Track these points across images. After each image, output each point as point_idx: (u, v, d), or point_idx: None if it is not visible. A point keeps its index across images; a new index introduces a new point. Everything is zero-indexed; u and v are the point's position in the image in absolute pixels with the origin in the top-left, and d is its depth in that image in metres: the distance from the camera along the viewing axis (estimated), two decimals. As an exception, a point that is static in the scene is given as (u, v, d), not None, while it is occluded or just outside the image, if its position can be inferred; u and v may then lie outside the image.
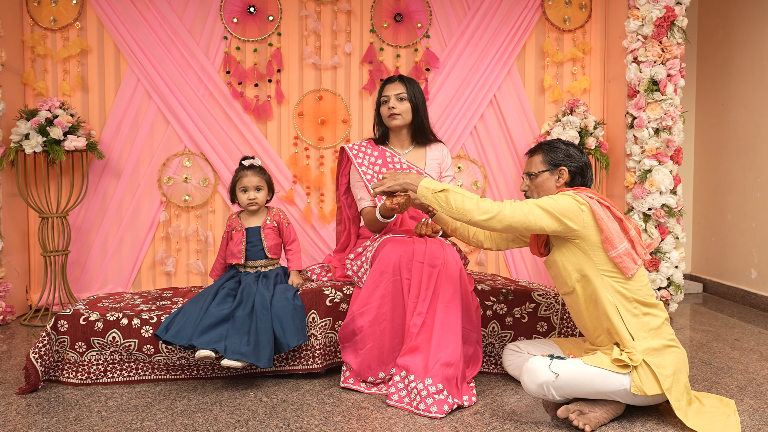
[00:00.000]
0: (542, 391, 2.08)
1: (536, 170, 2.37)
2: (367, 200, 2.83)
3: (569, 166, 2.33)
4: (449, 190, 2.22)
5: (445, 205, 2.21)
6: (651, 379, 2.06)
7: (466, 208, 2.18)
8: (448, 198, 2.21)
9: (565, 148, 2.36)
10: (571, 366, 2.06)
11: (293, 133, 4.09)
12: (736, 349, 3.09)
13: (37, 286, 3.93)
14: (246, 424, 2.14)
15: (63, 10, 3.88)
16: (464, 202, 2.18)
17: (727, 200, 4.37)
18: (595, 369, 2.05)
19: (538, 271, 4.22)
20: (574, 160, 2.34)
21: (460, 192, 2.22)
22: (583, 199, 2.18)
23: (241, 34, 4.02)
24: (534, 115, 4.21)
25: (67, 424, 2.13)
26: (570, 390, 2.06)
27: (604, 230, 2.14)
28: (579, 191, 2.23)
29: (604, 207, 2.19)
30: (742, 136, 4.19)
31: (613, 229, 2.15)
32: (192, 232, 4.02)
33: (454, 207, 2.19)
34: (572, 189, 2.26)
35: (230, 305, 2.56)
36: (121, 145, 3.95)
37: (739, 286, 4.23)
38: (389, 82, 2.86)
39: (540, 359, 2.09)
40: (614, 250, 2.14)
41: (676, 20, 3.63)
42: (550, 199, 2.17)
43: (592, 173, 2.39)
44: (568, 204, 2.15)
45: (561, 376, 2.04)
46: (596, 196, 2.21)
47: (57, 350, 2.55)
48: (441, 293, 2.41)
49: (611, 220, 2.17)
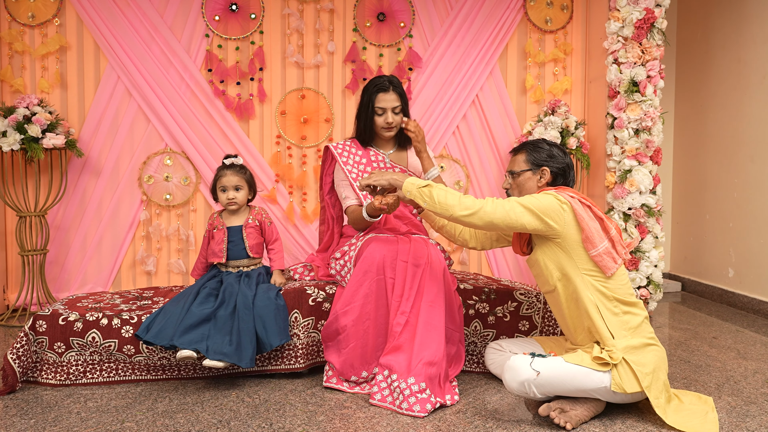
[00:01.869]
0: (524, 389, 2.09)
1: (519, 169, 2.39)
2: (352, 198, 2.83)
3: (551, 166, 2.35)
4: (432, 185, 2.24)
5: (429, 200, 2.22)
6: (631, 376, 2.08)
7: (448, 203, 2.19)
8: (432, 193, 2.22)
9: (549, 149, 2.38)
10: (552, 364, 2.07)
11: (276, 132, 4.08)
12: (714, 347, 3.13)
13: (14, 286, 3.87)
14: (228, 424, 2.12)
15: (42, 6, 3.82)
16: (447, 198, 2.20)
17: (705, 200, 4.43)
18: (575, 367, 2.07)
19: (520, 271, 4.24)
20: (556, 160, 2.36)
21: (443, 188, 2.24)
22: (565, 198, 2.20)
23: (223, 32, 4.00)
24: (516, 115, 4.24)
25: (45, 426, 2.10)
26: (551, 388, 2.08)
27: (585, 229, 2.16)
28: (561, 191, 2.25)
29: (585, 206, 2.21)
30: (720, 137, 4.25)
31: (594, 228, 2.17)
32: (173, 231, 3.99)
33: (437, 202, 2.20)
34: (554, 188, 2.28)
35: (212, 305, 2.54)
36: (100, 143, 3.90)
37: (717, 285, 4.29)
38: (382, 91, 2.77)
39: (521, 357, 2.11)
40: (594, 249, 2.16)
41: (655, 22, 3.68)
42: (532, 198, 2.20)
43: (574, 174, 2.42)
44: (549, 203, 2.17)
45: (542, 374, 2.05)
46: (578, 196, 2.23)
47: (35, 351, 2.51)
48: (425, 292, 2.42)
49: (592, 219, 2.19)
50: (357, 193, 2.79)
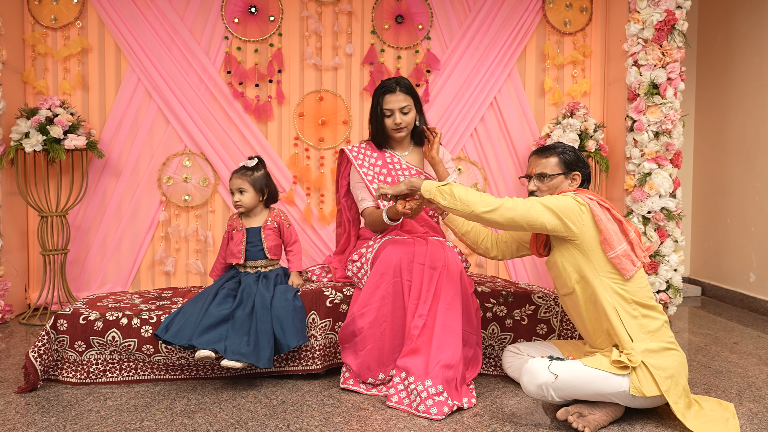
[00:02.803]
0: (542, 392, 2.08)
1: (552, 172, 2.37)
2: (369, 200, 2.83)
3: (583, 171, 2.37)
4: (452, 183, 2.25)
5: (449, 197, 2.21)
6: (650, 380, 2.06)
7: (469, 200, 2.19)
8: (452, 190, 2.22)
9: (577, 153, 2.40)
10: (570, 367, 2.06)
11: (294, 134, 4.09)
12: (734, 352, 3.10)
13: (36, 285, 3.92)
14: (246, 424, 2.13)
15: (64, 9, 3.88)
16: (468, 194, 2.20)
17: (726, 204, 4.38)
18: (594, 370, 2.06)
19: (538, 274, 4.22)
20: (585, 166, 2.38)
21: (463, 186, 2.25)
22: (583, 199, 2.19)
23: (242, 34, 4.02)
24: (534, 118, 4.22)
25: (66, 424, 2.12)
26: (569, 391, 2.06)
27: (603, 231, 2.15)
28: (579, 193, 2.25)
29: (603, 208, 2.20)
30: (742, 140, 4.20)
31: (612, 230, 2.16)
32: (191, 232, 4.02)
33: (458, 198, 2.20)
34: (572, 191, 2.28)
35: (230, 305, 2.56)
36: (121, 144, 3.95)
37: (737, 290, 4.24)
38: (389, 92, 2.77)
39: (539, 360, 2.10)
40: (613, 251, 2.15)
41: (676, 24, 3.64)
42: (552, 198, 2.20)
43: (590, 177, 2.44)
44: (568, 203, 2.17)
45: (560, 377, 2.04)
46: (596, 198, 2.22)
47: (56, 349, 2.54)
48: (442, 295, 2.41)
49: (610, 221, 2.18)
50: (373, 194, 2.79)
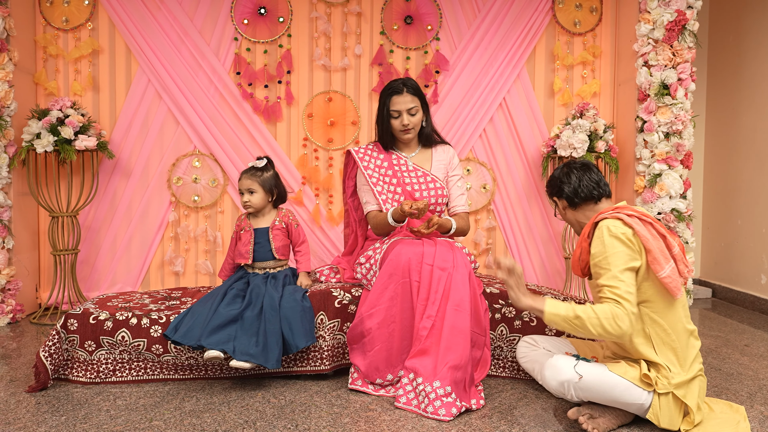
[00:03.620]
0: (562, 390, 2.07)
1: (558, 213, 2.35)
2: (373, 204, 2.84)
3: (560, 195, 2.27)
4: (583, 317, 1.99)
5: (582, 331, 2.02)
6: (670, 412, 2.04)
7: (586, 326, 2.01)
8: (585, 325, 1.99)
9: (550, 178, 2.31)
10: (596, 371, 2.04)
11: (302, 135, 4.10)
12: (745, 354, 3.07)
13: (46, 285, 3.95)
14: (254, 424, 2.14)
15: (75, 11, 3.90)
16: (601, 325, 1.99)
17: (737, 205, 4.35)
18: (619, 378, 2.03)
19: (547, 275, 4.21)
20: (554, 184, 2.28)
21: (591, 315, 2.00)
22: (627, 222, 2.05)
23: (252, 36, 4.04)
24: (543, 119, 4.20)
25: (76, 423, 2.13)
26: (589, 393, 2.05)
27: (651, 250, 2.03)
28: (619, 211, 2.10)
29: (646, 224, 2.07)
30: (753, 140, 4.17)
31: (658, 248, 2.04)
32: (201, 233, 4.04)
33: (591, 330, 2.01)
34: (611, 209, 2.13)
35: (239, 306, 2.56)
36: (131, 145, 3.97)
37: (748, 292, 4.20)
38: (396, 93, 2.77)
39: (565, 358, 2.08)
40: (662, 270, 2.02)
41: (687, 24, 3.62)
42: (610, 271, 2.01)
43: (586, 174, 2.24)
44: (621, 250, 2.03)
45: (585, 379, 2.02)
46: (636, 213, 2.09)
47: (66, 349, 2.56)
48: (450, 296, 2.41)
49: (655, 238, 2.06)
50: (377, 198, 2.81)
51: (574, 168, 2.26)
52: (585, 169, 2.25)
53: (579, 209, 2.24)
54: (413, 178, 2.85)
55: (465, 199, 2.96)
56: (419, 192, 2.82)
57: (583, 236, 2.15)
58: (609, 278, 2.01)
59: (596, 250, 2.06)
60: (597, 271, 2.06)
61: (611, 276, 2.01)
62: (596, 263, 2.06)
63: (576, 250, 2.20)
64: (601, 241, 2.05)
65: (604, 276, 2.02)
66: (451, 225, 2.78)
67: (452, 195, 2.93)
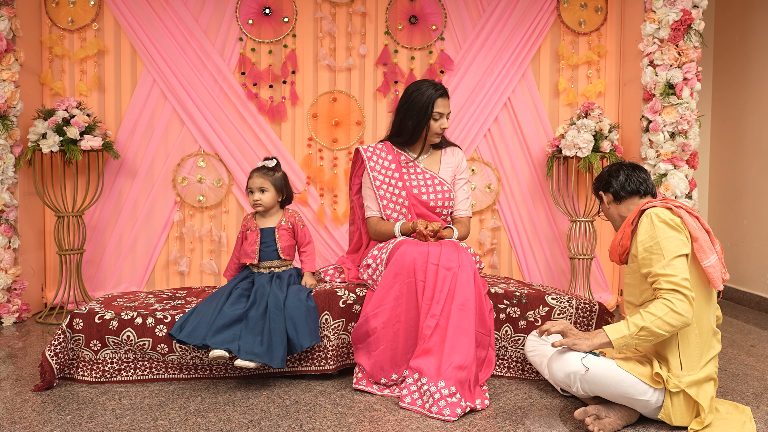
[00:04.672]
0: (568, 381, 2.06)
1: (604, 209, 2.38)
2: (374, 210, 2.87)
3: (608, 189, 2.32)
4: (647, 325, 1.98)
5: (652, 337, 2.00)
6: (683, 411, 2.04)
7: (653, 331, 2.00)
8: (653, 331, 1.98)
9: (599, 174, 2.38)
10: (603, 364, 2.03)
11: (307, 135, 4.11)
12: (751, 355, 3.06)
13: (52, 285, 3.96)
14: (259, 424, 2.14)
15: (81, 11, 3.92)
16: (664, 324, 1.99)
17: (743, 205, 4.33)
18: (626, 374, 2.03)
19: (551, 275, 4.20)
20: (602, 179, 2.35)
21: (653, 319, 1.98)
22: (675, 212, 2.08)
23: (257, 36, 4.04)
24: (548, 118, 4.20)
25: (81, 422, 2.14)
26: (595, 387, 2.04)
27: (698, 239, 2.05)
28: (666, 201, 2.14)
29: (693, 217, 2.11)
30: (759, 140, 4.15)
31: (704, 239, 2.07)
32: (206, 232, 4.04)
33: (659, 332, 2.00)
34: (658, 200, 2.16)
35: (244, 305, 2.57)
36: (136, 145, 3.98)
37: (754, 292, 4.19)
38: (444, 96, 2.80)
39: (574, 351, 2.08)
40: (708, 259, 2.05)
41: (693, 23, 3.61)
42: (666, 258, 2.01)
43: (632, 172, 2.29)
44: (674, 235, 2.04)
45: (591, 371, 2.02)
46: (684, 207, 2.12)
47: (72, 348, 2.57)
48: (455, 296, 2.41)
49: (701, 230, 2.09)
50: (379, 204, 2.82)
51: (624, 166, 2.33)
52: (633, 168, 2.31)
53: (623, 203, 2.28)
54: (420, 180, 2.85)
55: (469, 203, 2.97)
56: (426, 195, 2.83)
57: (627, 222, 2.19)
58: (664, 266, 2.01)
59: (646, 236, 2.08)
60: (647, 257, 2.06)
61: (665, 264, 2.01)
62: (647, 248, 2.07)
63: (616, 236, 2.23)
64: (651, 227, 2.08)
65: (658, 263, 2.03)
66: (453, 235, 2.82)
67: (457, 198, 2.94)
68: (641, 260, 2.09)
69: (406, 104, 2.84)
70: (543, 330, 2.13)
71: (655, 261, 2.04)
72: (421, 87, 2.81)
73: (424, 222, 2.68)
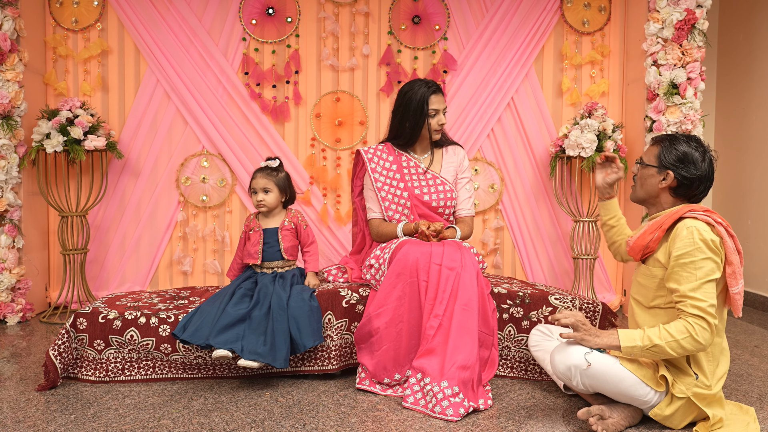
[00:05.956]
0: (568, 374, 2.05)
1: (647, 161, 2.17)
2: (376, 212, 2.87)
3: (678, 173, 2.10)
4: (661, 344, 1.95)
5: (661, 355, 1.99)
6: (679, 415, 2.05)
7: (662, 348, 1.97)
8: (664, 350, 1.95)
9: (685, 151, 2.10)
10: (606, 361, 2.02)
11: (310, 135, 4.11)
12: (755, 356, 3.05)
13: (56, 284, 3.97)
14: (262, 423, 2.14)
15: (84, 12, 3.92)
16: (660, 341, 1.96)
17: (747, 205, 4.32)
18: (628, 373, 2.02)
19: (555, 275, 4.20)
20: (687, 168, 2.09)
21: (669, 339, 1.95)
22: (717, 230, 2.02)
23: (260, 36, 4.04)
24: (552, 118, 4.19)
25: (85, 421, 2.15)
26: (596, 382, 2.03)
27: (733, 263, 2.00)
28: (709, 214, 2.05)
29: (731, 237, 2.04)
30: (763, 140, 4.14)
31: (737, 263, 2.01)
32: (209, 232, 4.05)
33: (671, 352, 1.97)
34: (701, 211, 2.07)
35: (247, 305, 2.57)
36: (140, 145, 3.98)
37: (758, 293, 4.18)
38: (436, 93, 2.81)
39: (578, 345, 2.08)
40: (736, 286, 2.00)
41: (696, 23, 3.60)
42: (697, 283, 1.96)
43: (709, 185, 2.14)
44: (710, 258, 1.98)
45: (593, 367, 2.01)
46: (724, 222, 2.05)
47: (76, 348, 2.57)
48: (458, 296, 2.41)
49: (735, 252, 2.03)
50: (381, 206, 2.83)
51: (710, 156, 2.14)
52: (713, 164, 2.15)
53: (675, 195, 2.14)
54: (422, 180, 2.85)
55: (471, 202, 2.97)
56: (427, 195, 2.83)
57: (660, 226, 2.09)
58: (693, 288, 1.95)
59: (683, 251, 1.99)
60: (678, 271, 1.99)
61: (696, 287, 1.95)
62: (680, 263, 1.99)
63: (644, 235, 2.12)
64: (691, 242, 1.98)
65: (688, 283, 1.96)
66: (456, 235, 2.81)
67: (459, 197, 2.94)
68: (671, 272, 2.01)
69: (401, 106, 2.86)
70: (555, 318, 2.08)
71: (684, 280, 1.97)
72: (414, 87, 2.82)
73: (426, 222, 2.68)
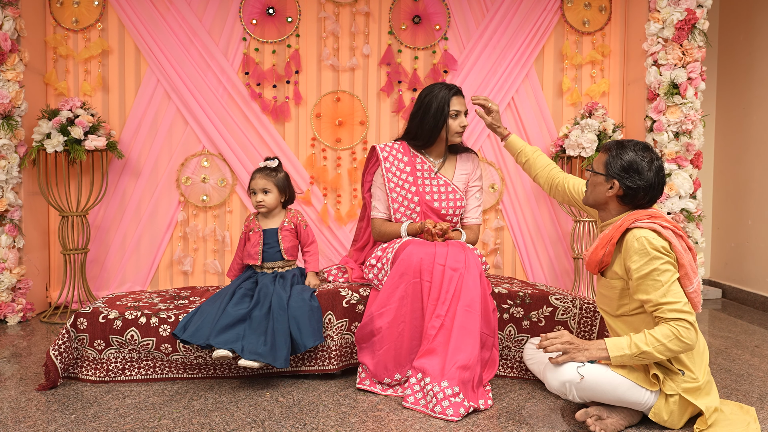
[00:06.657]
0: (564, 390, 2.06)
1: (596, 169, 2.15)
2: (382, 212, 2.86)
3: (623, 183, 2.07)
4: (649, 350, 1.96)
5: (650, 360, 1.99)
6: (675, 413, 2.05)
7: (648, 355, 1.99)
8: (653, 355, 1.97)
9: (631, 161, 2.05)
10: (598, 371, 2.03)
11: (311, 134, 4.11)
12: (756, 355, 3.05)
13: (56, 284, 3.97)
14: (262, 423, 2.14)
15: (85, 11, 3.92)
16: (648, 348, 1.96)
17: (747, 205, 4.32)
18: (621, 378, 2.03)
19: (555, 275, 4.20)
20: (632, 178, 2.05)
21: (655, 344, 1.96)
22: (664, 235, 2.01)
23: (260, 36, 4.04)
24: (552, 118, 4.19)
25: (85, 421, 2.15)
26: (591, 393, 2.05)
27: (684, 266, 2.01)
28: (653, 220, 2.04)
29: (679, 238, 2.04)
30: (764, 140, 4.14)
31: (689, 262, 2.02)
32: (209, 232, 4.05)
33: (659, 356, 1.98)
34: (647, 218, 2.05)
35: (247, 305, 2.57)
36: (140, 145, 3.99)
37: (759, 292, 4.18)
38: (457, 94, 2.78)
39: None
40: (691, 285, 2.02)
41: (697, 23, 3.60)
42: (663, 286, 1.97)
43: (659, 194, 2.11)
44: (668, 262, 1.99)
45: (586, 379, 2.02)
46: (670, 225, 2.04)
47: (76, 347, 2.57)
48: (461, 296, 2.40)
49: (686, 251, 2.04)
50: (390, 206, 2.83)
51: (657, 164, 2.08)
52: (661, 172, 2.10)
53: (622, 203, 2.12)
54: (434, 186, 2.84)
55: (480, 210, 2.95)
56: (438, 202, 2.82)
57: (609, 240, 2.09)
58: (663, 295, 1.97)
59: (641, 262, 2.00)
60: (642, 283, 2.00)
61: (664, 292, 1.97)
62: (641, 275, 1.99)
63: (597, 251, 2.13)
64: (645, 252, 1.99)
65: (656, 291, 1.98)
66: (461, 238, 2.81)
67: (468, 205, 2.92)
68: (636, 286, 2.02)
69: (421, 108, 2.80)
70: (542, 347, 2.08)
71: (651, 288, 1.99)
72: (434, 89, 2.79)
73: (432, 221, 2.67)
